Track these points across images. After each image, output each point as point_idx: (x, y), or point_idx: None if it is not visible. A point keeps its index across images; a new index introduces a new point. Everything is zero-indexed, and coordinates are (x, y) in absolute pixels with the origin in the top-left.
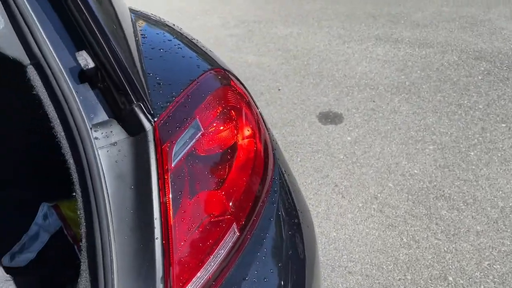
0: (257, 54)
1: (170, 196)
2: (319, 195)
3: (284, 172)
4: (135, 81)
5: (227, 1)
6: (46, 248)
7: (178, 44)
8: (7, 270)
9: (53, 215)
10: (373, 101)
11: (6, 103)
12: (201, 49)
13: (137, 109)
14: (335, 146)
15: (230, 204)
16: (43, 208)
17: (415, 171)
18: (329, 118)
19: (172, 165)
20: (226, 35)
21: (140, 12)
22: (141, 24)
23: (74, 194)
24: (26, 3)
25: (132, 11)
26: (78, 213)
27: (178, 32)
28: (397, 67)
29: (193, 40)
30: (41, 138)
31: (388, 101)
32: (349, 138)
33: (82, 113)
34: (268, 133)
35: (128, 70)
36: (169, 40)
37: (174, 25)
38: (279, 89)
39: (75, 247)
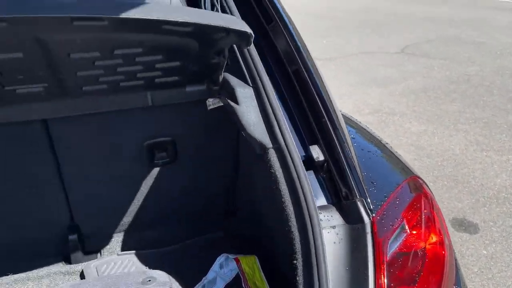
0: None
1: (385, 285)
2: None
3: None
4: (359, 178)
5: (364, 89)
6: None
7: (379, 149)
8: None
9: (228, 266)
10: None
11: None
12: (395, 154)
13: (359, 203)
14: (469, 257)
15: None
16: (221, 258)
17: None
18: (463, 226)
19: (388, 259)
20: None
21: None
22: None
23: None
24: (278, 101)
25: None
26: (297, 278)
27: (374, 135)
28: None
29: (386, 145)
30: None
31: None
32: (484, 252)
33: (312, 195)
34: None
35: (356, 169)
36: (372, 143)
37: (366, 126)
38: None
39: None
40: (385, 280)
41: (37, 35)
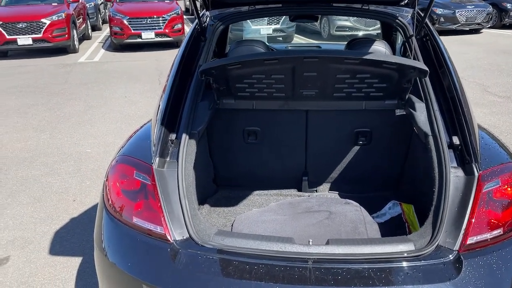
0: None
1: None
2: None
3: None
4: (478, 154)
5: None
6: (391, 219)
7: (496, 142)
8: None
9: (394, 208)
10: None
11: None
12: (507, 147)
13: (473, 165)
14: None
15: None
16: (390, 203)
17: None
18: None
19: (485, 197)
20: None
21: None
22: None
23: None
24: (438, 111)
25: None
26: (433, 203)
27: (496, 136)
28: None
29: (502, 142)
30: None
31: None
32: None
33: (449, 162)
34: None
35: (477, 150)
36: (492, 139)
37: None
38: None
39: (406, 224)
40: (479, 208)
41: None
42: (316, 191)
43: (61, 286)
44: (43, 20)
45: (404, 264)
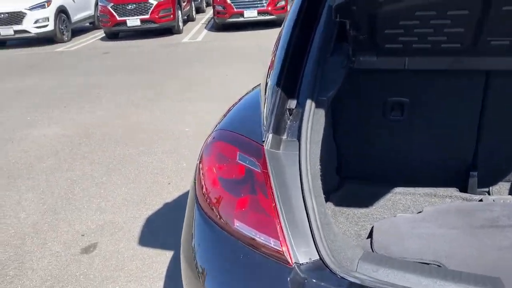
0: None
1: None
2: None
3: None
4: None
5: None
6: None
7: None
8: None
9: None
10: None
11: None
12: None
13: None
14: None
15: None
16: None
17: None
18: None
19: None
20: None
21: None
22: None
23: None
24: None
25: None
26: None
27: None
28: None
29: None
30: None
31: None
32: None
33: None
34: None
35: None
36: None
37: None
38: None
39: None
40: None
41: None
42: (488, 193)
43: (148, 286)
44: (150, 1)
45: None
